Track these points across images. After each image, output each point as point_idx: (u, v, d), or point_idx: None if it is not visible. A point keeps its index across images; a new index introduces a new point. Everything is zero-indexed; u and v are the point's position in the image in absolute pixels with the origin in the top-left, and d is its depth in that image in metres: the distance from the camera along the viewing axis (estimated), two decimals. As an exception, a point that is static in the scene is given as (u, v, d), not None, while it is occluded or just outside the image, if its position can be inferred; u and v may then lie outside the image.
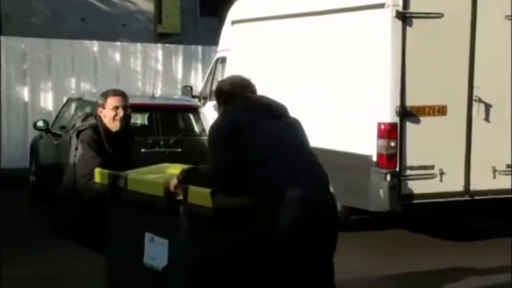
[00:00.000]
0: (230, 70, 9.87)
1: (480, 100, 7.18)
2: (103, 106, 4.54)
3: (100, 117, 4.53)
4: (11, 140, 11.47)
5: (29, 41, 11.95)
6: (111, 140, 4.50)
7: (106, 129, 4.51)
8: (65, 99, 10.38)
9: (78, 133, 4.50)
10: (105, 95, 4.59)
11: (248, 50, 9.33)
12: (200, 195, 3.52)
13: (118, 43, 12.68)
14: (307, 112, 7.91)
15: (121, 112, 4.50)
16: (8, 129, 11.51)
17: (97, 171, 4.24)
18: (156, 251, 3.83)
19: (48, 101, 11.80)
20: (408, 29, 6.91)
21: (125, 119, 4.55)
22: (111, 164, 4.33)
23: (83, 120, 4.64)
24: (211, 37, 14.98)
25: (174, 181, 3.71)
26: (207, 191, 3.48)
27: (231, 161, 3.46)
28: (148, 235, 3.89)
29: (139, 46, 12.68)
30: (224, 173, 3.49)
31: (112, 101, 4.52)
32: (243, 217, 3.41)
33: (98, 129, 4.48)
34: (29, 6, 14.79)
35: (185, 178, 3.68)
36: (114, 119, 4.50)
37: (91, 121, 4.56)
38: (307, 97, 7.95)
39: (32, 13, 14.69)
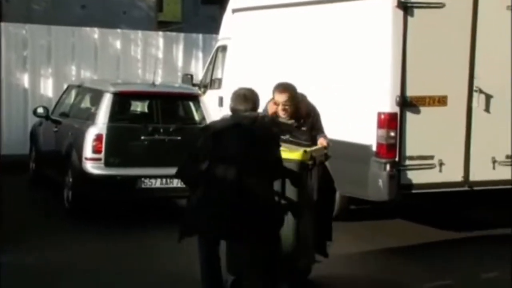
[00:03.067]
0: (230, 59, 9.86)
1: (480, 91, 7.17)
2: None
3: None
4: (12, 126, 11.46)
5: (29, 27, 11.89)
6: None
7: None
8: (65, 86, 10.36)
9: None
10: None
11: (249, 39, 9.31)
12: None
13: (118, 31, 12.61)
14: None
15: None
16: (8, 115, 11.49)
17: None
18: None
19: (48, 88, 11.77)
20: (409, 19, 6.88)
21: None
22: None
23: None
24: (212, 25, 14.95)
25: None
26: None
27: None
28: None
29: (140, 33, 12.61)
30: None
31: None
32: None
33: None
34: (29, -9, 14.78)
35: None
36: None
37: None
38: (308, 86, 7.91)
39: (33, -1, 14.68)
